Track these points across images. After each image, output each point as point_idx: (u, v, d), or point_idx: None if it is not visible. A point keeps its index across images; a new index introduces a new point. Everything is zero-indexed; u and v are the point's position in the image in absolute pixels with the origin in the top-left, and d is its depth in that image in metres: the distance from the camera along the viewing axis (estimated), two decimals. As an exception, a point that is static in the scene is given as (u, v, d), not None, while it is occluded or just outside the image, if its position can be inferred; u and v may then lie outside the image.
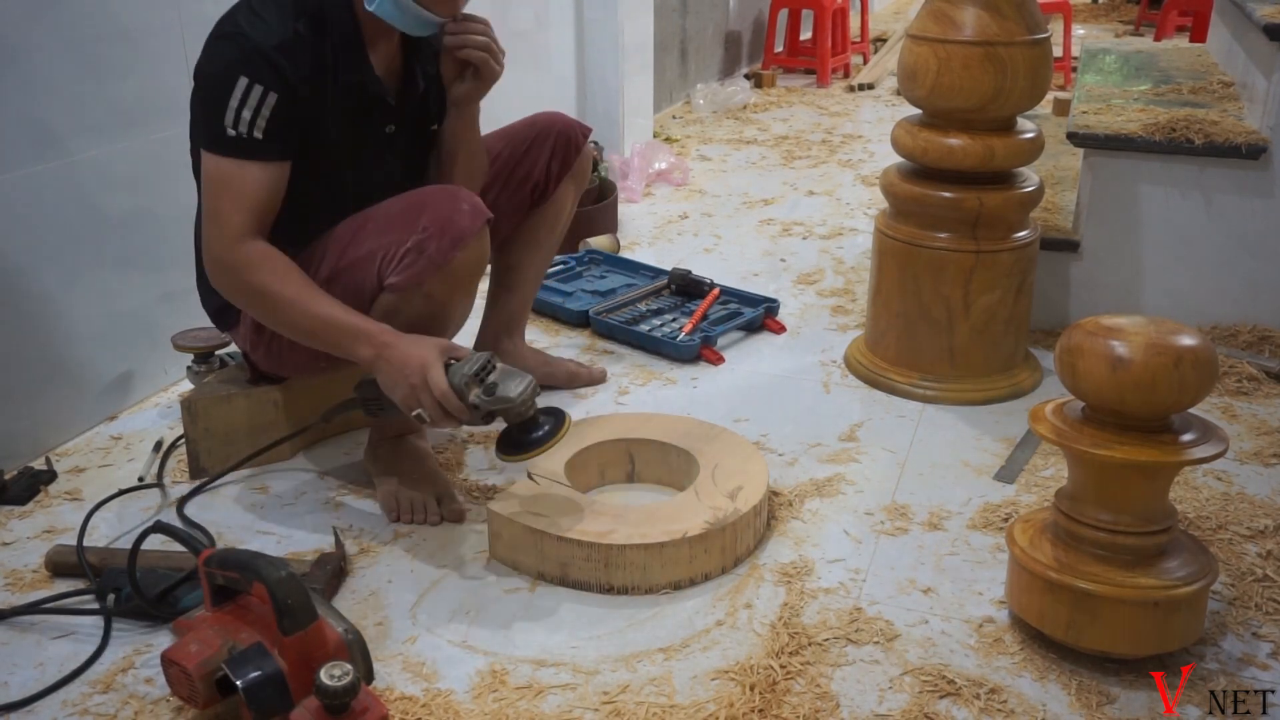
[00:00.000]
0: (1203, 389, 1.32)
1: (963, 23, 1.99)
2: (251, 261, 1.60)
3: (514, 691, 1.39)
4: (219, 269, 1.63)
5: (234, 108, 1.57)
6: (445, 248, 1.63)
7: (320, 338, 1.61)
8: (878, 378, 2.22)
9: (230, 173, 1.60)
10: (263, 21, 1.59)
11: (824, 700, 1.37)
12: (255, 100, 1.57)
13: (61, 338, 1.95)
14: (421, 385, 1.53)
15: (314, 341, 1.62)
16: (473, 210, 1.67)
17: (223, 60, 1.59)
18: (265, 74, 1.57)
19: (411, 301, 1.66)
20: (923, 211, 2.11)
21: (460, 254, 1.65)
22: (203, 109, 1.61)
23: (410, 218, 1.65)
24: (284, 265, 1.61)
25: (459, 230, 1.64)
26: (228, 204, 1.60)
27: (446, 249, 1.63)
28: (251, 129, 1.58)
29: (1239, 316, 2.38)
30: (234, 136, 1.58)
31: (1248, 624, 1.51)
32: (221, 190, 1.60)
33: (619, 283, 2.71)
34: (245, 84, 1.57)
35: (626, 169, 3.55)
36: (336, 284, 1.66)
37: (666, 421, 1.91)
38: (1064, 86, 4.71)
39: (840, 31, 5.49)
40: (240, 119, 1.57)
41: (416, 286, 1.64)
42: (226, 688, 1.26)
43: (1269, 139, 2.25)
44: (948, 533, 1.73)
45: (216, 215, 1.61)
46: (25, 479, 1.85)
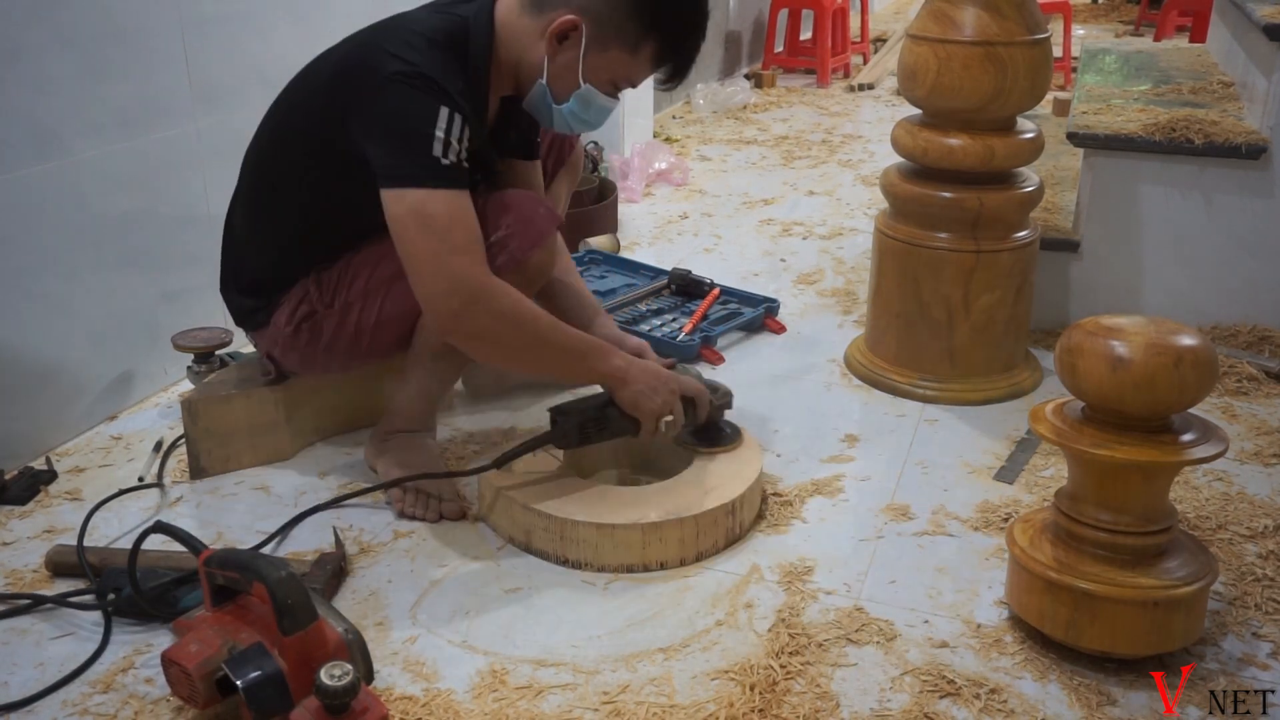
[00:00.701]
0: (1203, 389, 1.32)
1: (963, 23, 1.99)
2: (510, 293, 1.58)
3: (514, 691, 1.39)
4: (474, 306, 1.55)
5: (440, 139, 1.53)
6: (525, 246, 1.68)
7: (579, 355, 1.65)
8: (878, 378, 2.22)
9: (452, 205, 1.55)
10: (439, 64, 1.57)
11: (824, 700, 1.37)
12: (458, 129, 1.55)
13: (61, 338, 1.95)
14: (676, 390, 1.68)
15: (558, 361, 1.66)
16: (549, 214, 1.74)
17: (419, 95, 1.54)
18: (457, 103, 1.56)
19: None
20: (923, 211, 2.11)
21: (537, 253, 1.70)
22: (400, 148, 1.55)
23: (494, 216, 1.67)
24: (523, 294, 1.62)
25: (539, 230, 1.70)
26: (463, 234, 1.55)
27: (527, 247, 1.68)
28: (460, 157, 1.56)
29: (1239, 316, 2.38)
30: (449, 165, 1.55)
31: (1248, 624, 1.51)
32: (451, 225, 1.54)
33: (619, 283, 2.71)
34: (447, 114, 1.54)
35: (626, 169, 3.55)
36: (402, 280, 1.67)
37: None
38: (1064, 86, 4.71)
39: (840, 31, 5.49)
40: (449, 148, 1.54)
41: None
42: (226, 688, 1.26)
43: (1269, 139, 2.25)
44: (948, 533, 1.73)
45: (459, 250, 1.54)
46: (25, 479, 1.85)
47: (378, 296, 1.74)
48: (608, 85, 1.69)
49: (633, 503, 1.67)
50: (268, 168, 1.77)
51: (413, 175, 1.54)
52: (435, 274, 1.55)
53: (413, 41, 1.59)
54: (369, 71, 1.58)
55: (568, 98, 1.68)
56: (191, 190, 2.17)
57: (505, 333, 1.60)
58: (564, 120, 1.72)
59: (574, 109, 1.69)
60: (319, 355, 1.80)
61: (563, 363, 1.67)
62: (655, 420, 1.67)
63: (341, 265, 1.76)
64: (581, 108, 1.69)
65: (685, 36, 1.68)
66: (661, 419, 1.67)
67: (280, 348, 1.82)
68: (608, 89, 1.69)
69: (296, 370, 1.87)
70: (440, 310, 1.56)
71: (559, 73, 1.66)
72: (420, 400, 1.83)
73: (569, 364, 1.67)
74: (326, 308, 1.76)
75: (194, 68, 2.14)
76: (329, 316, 1.76)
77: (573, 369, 1.70)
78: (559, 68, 1.66)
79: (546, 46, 1.64)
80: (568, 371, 1.74)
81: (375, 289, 1.74)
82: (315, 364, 1.83)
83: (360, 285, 1.75)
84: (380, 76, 1.56)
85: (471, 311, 1.56)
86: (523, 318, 1.59)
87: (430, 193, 1.54)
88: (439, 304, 1.56)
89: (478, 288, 1.55)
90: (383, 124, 1.56)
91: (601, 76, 1.67)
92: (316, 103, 1.67)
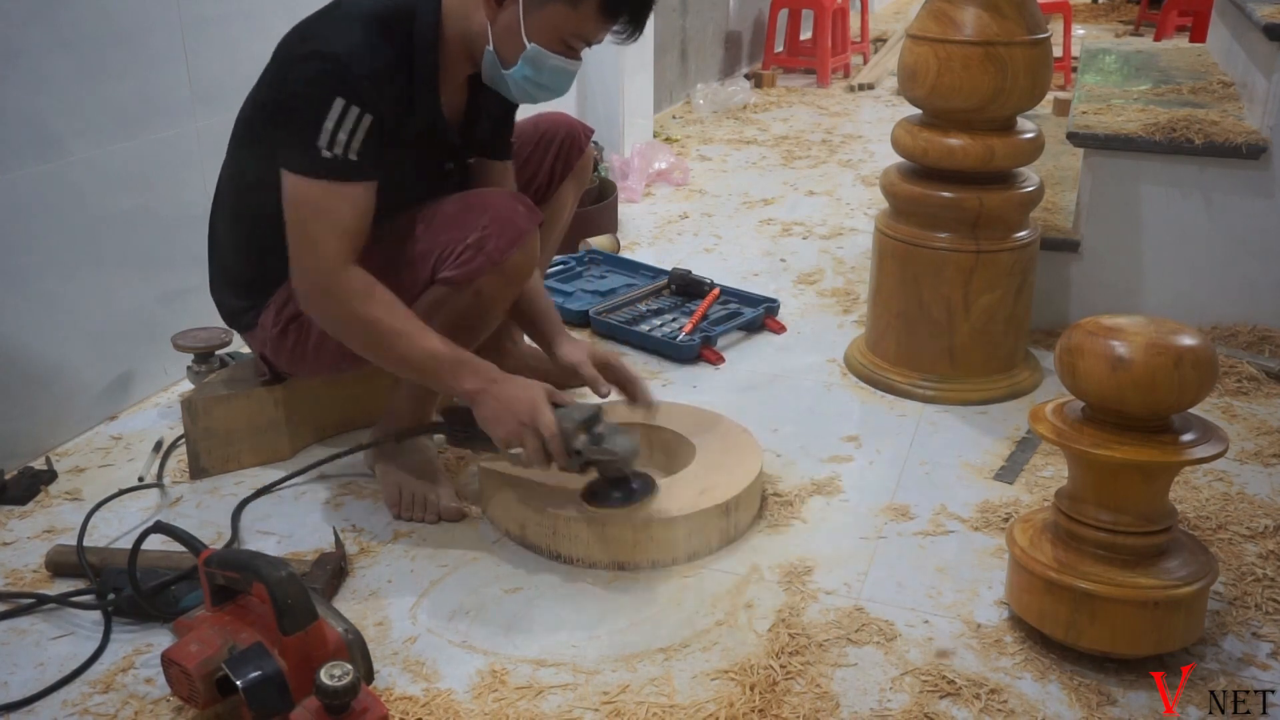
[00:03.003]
0: (1203, 389, 1.32)
1: (963, 23, 1.99)
2: (357, 291, 1.58)
3: (514, 691, 1.39)
4: (320, 296, 1.59)
5: (329, 129, 1.53)
6: (503, 246, 1.66)
7: (423, 369, 1.61)
8: (878, 378, 2.22)
9: (326, 196, 1.56)
10: (355, 44, 1.56)
11: (824, 700, 1.37)
12: (351, 122, 1.54)
13: (61, 338, 1.95)
14: (530, 425, 1.56)
15: (412, 371, 1.63)
16: (529, 212, 1.71)
17: (317, 80, 1.54)
18: (362, 95, 1.54)
19: (461, 297, 1.68)
20: (923, 211, 2.11)
21: (516, 253, 1.68)
22: (291, 130, 1.56)
23: (471, 216, 1.66)
24: (388, 295, 1.59)
25: (517, 230, 1.68)
26: (324, 229, 1.56)
27: (504, 247, 1.66)
28: (347, 150, 1.55)
29: (1239, 316, 2.38)
30: (330, 158, 1.54)
31: (1248, 624, 1.51)
32: (317, 215, 1.56)
33: (619, 283, 2.71)
34: (342, 105, 1.53)
35: (626, 169, 3.55)
36: (385, 279, 1.67)
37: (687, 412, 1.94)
38: (1064, 86, 4.71)
39: (840, 31, 5.49)
40: (336, 140, 1.54)
41: (469, 282, 1.67)
42: (227, 688, 1.26)
43: (1269, 139, 2.25)
44: (948, 533, 1.73)
45: (313, 241, 1.57)
46: (25, 479, 1.85)
47: None
48: (557, 44, 1.63)
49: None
50: (240, 165, 1.76)
51: (294, 161, 1.57)
52: (296, 259, 1.60)
53: (342, 23, 1.58)
54: (292, 48, 1.60)
55: (515, 60, 1.64)
56: (191, 190, 2.17)
57: (348, 331, 1.62)
58: (520, 88, 1.67)
59: (526, 73, 1.64)
60: (308, 356, 1.79)
61: (409, 372, 1.65)
62: (504, 446, 1.61)
63: None
64: (534, 70, 1.64)
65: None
66: (508, 448, 1.60)
67: (270, 349, 1.81)
68: (559, 48, 1.63)
69: (289, 371, 1.87)
70: (297, 290, 1.63)
71: (502, 35, 1.63)
72: (415, 401, 1.83)
73: (417, 375, 1.64)
74: None
75: (194, 68, 2.14)
76: None
77: (424, 380, 1.66)
78: (501, 30, 1.62)
79: (485, 10, 1.62)
80: (422, 381, 1.68)
81: None
82: (304, 365, 1.82)
83: None
84: (294, 56, 1.58)
85: (317, 300, 1.61)
86: (365, 319, 1.58)
87: (304, 181, 1.56)
88: (296, 284, 1.63)
89: (325, 280, 1.58)
90: (281, 105, 1.58)
91: (548, 35, 1.62)
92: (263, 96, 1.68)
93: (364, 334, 1.60)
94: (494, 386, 1.59)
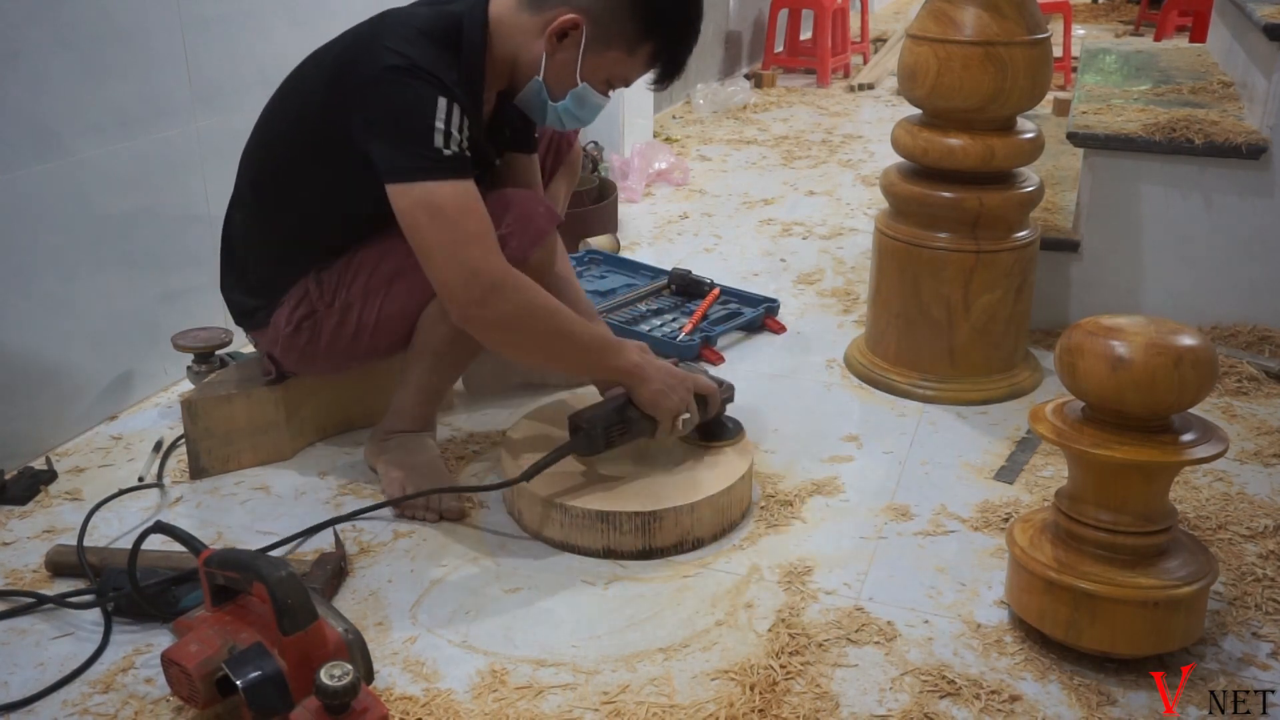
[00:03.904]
0: (1203, 389, 1.32)
1: (963, 23, 1.99)
2: (523, 279, 1.57)
3: (514, 691, 1.39)
4: (495, 296, 1.55)
5: (440, 130, 1.53)
6: (526, 244, 1.68)
7: (590, 349, 1.64)
8: (878, 378, 2.22)
9: (463, 194, 1.55)
10: (433, 58, 1.56)
11: (824, 700, 1.37)
12: (457, 119, 1.55)
13: (61, 338, 1.95)
14: (691, 386, 1.69)
15: (575, 354, 1.65)
16: (548, 212, 1.74)
17: (414, 87, 1.53)
18: (455, 94, 1.55)
19: None
20: (923, 211, 2.11)
21: (537, 252, 1.70)
22: (402, 142, 1.54)
23: (494, 215, 1.66)
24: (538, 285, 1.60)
25: (539, 229, 1.70)
26: (476, 224, 1.55)
27: (527, 246, 1.68)
28: (462, 147, 1.56)
29: (1239, 316, 2.38)
30: (451, 155, 1.54)
31: (1248, 624, 1.51)
32: (466, 213, 1.54)
33: (619, 283, 2.71)
34: (445, 104, 1.53)
35: (626, 169, 3.55)
36: (403, 278, 1.68)
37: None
38: (1064, 86, 4.71)
39: (840, 31, 5.49)
40: (450, 139, 1.54)
41: None
42: (227, 688, 1.26)
43: (1269, 139, 2.25)
44: (948, 533, 1.73)
45: (471, 240, 1.54)
46: (25, 479, 1.85)
47: (378, 296, 1.74)
48: (602, 84, 1.69)
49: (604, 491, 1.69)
50: (266, 167, 1.77)
51: (417, 168, 1.54)
52: (451, 264, 1.54)
53: (407, 35, 1.58)
54: (365, 67, 1.58)
55: (564, 96, 1.68)
56: (191, 190, 2.17)
57: (524, 323, 1.59)
58: (557, 117, 1.72)
59: (569, 106, 1.69)
60: (319, 355, 1.80)
61: (579, 356, 1.67)
62: (673, 418, 1.67)
63: (341, 264, 1.76)
64: (577, 105, 1.69)
65: (682, 38, 1.69)
66: (679, 417, 1.68)
67: (280, 347, 1.82)
68: (602, 87, 1.70)
69: (296, 370, 1.87)
70: (459, 300, 1.56)
71: (556, 71, 1.66)
72: (421, 400, 1.83)
73: (585, 358, 1.67)
74: (327, 307, 1.76)
75: (194, 68, 2.14)
76: (329, 316, 1.76)
77: (589, 363, 1.69)
78: (557, 65, 1.66)
79: (545, 44, 1.64)
80: (583, 366, 1.72)
81: (375, 288, 1.74)
82: (315, 363, 1.83)
83: (360, 284, 1.75)
84: (376, 71, 1.56)
85: (490, 300, 1.55)
86: (541, 309, 1.59)
87: (437, 184, 1.54)
88: (457, 293, 1.55)
89: (496, 276, 1.55)
90: (382, 119, 1.56)
91: (598, 75, 1.68)
92: (315, 100, 1.67)
93: (543, 324, 1.60)
94: (648, 359, 1.67)
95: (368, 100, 1.57)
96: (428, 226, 1.54)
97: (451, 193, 1.54)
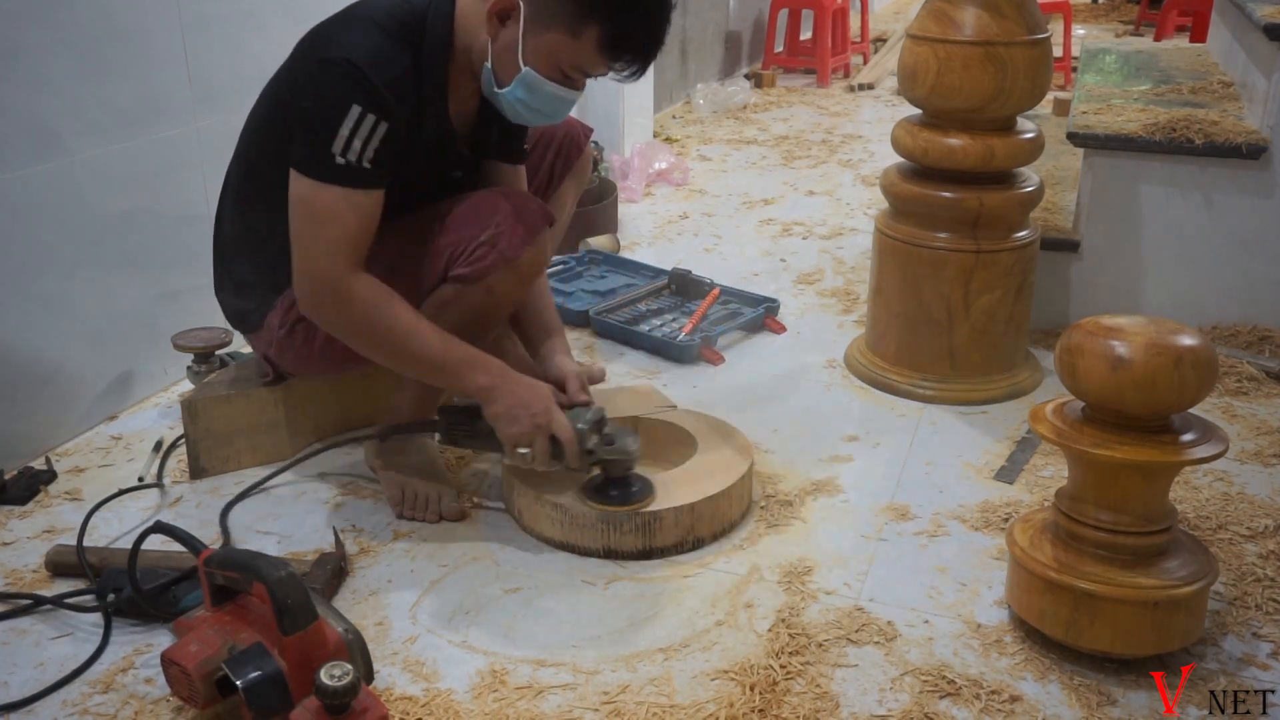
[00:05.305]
0: (1203, 389, 1.32)
1: (963, 23, 1.99)
2: (364, 296, 1.58)
3: (514, 691, 1.39)
4: (326, 301, 1.59)
5: (345, 136, 1.53)
6: (516, 244, 1.67)
7: (434, 367, 1.63)
8: (878, 378, 2.22)
9: (336, 202, 1.56)
10: (374, 50, 1.56)
11: (824, 700, 1.37)
12: (367, 130, 1.54)
13: (61, 338, 1.95)
14: (544, 425, 1.60)
15: (424, 369, 1.64)
16: (540, 211, 1.73)
17: (335, 85, 1.54)
18: (379, 104, 1.54)
19: (472, 294, 1.69)
20: (923, 211, 2.11)
21: (529, 251, 1.69)
22: (305, 133, 1.56)
23: (484, 214, 1.67)
24: (393, 298, 1.60)
25: (530, 228, 1.69)
26: (333, 233, 1.56)
27: (518, 245, 1.67)
28: (361, 158, 1.55)
29: (1239, 316, 2.38)
30: (343, 165, 1.54)
31: (1248, 624, 1.51)
32: (326, 219, 1.56)
33: (619, 283, 2.71)
34: (359, 112, 1.53)
35: (626, 169, 3.55)
36: (393, 279, 1.68)
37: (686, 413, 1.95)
38: (1064, 86, 4.71)
39: (840, 31, 5.49)
40: (350, 147, 1.54)
41: (481, 279, 1.67)
42: (226, 688, 1.26)
43: (1269, 139, 2.25)
44: (948, 533, 1.73)
45: (319, 246, 1.56)
46: (25, 479, 1.85)
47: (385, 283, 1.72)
48: (554, 71, 1.61)
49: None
50: (250, 168, 1.77)
51: (308, 165, 1.56)
52: (301, 262, 1.60)
53: (358, 27, 1.58)
54: (310, 56, 1.60)
55: (509, 81, 1.63)
56: (191, 190, 2.17)
57: (356, 333, 1.62)
58: (513, 108, 1.66)
59: (520, 95, 1.63)
60: (314, 356, 1.80)
61: (422, 371, 1.66)
62: (512, 446, 1.63)
63: None
64: (527, 94, 1.62)
65: (633, 24, 1.57)
66: (516, 447, 1.62)
67: (275, 349, 1.82)
68: (555, 75, 1.62)
69: (293, 371, 1.87)
70: (302, 294, 1.62)
71: (500, 55, 1.62)
72: (418, 400, 1.83)
73: (430, 374, 1.66)
74: None
75: (194, 68, 2.14)
76: None
77: (436, 379, 1.68)
78: (500, 49, 1.62)
79: (489, 27, 1.61)
80: (432, 380, 1.70)
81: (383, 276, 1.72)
82: (311, 365, 1.83)
83: None
84: (313, 60, 1.58)
85: (325, 305, 1.60)
86: (376, 323, 1.59)
87: (317, 185, 1.56)
88: (300, 288, 1.61)
89: (333, 287, 1.58)
90: (298, 107, 1.58)
91: (544, 61, 1.60)
92: (281, 97, 1.67)
93: (371, 336, 1.61)
94: (506, 384, 1.62)
95: (299, 87, 1.59)
96: (297, 220, 1.59)
97: (324, 197, 1.56)
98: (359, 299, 1.58)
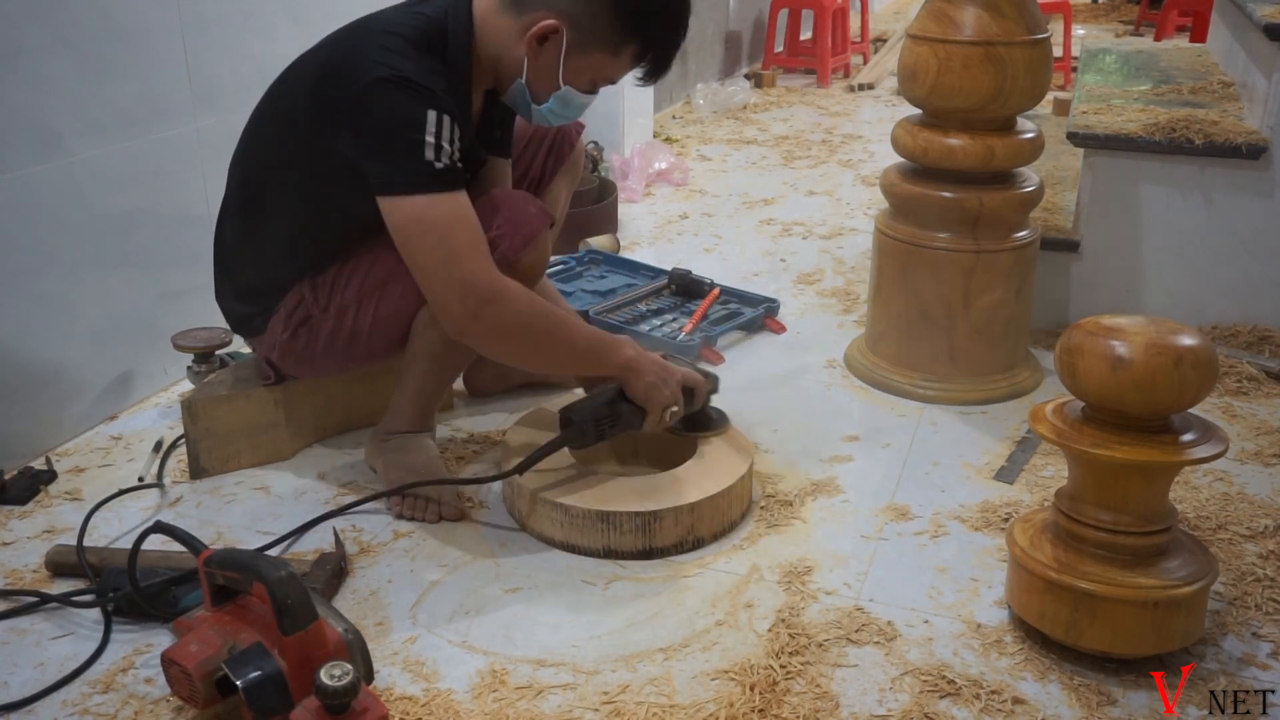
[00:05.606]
0: (1203, 389, 1.32)
1: (963, 23, 1.99)
2: (518, 290, 1.58)
3: (514, 691, 1.39)
4: (489, 307, 1.56)
5: (431, 143, 1.52)
6: (517, 245, 1.68)
7: (589, 350, 1.66)
8: (878, 378, 2.22)
9: (454, 207, 1.55)
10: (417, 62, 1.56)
11: (824, 700, 1.37)
12: (448, 131, 1.54)
13: (61, 338, 1.95)
14: (679, 379, 1.71)
15: (578, 355, 1.67)
16: (540, 212, 1.73)
17: (403, 102, 1.52)
18: (445, 106, 1.54)
19: None
20: (923, 211, 2.11)
21: (529, 253, 1.70)
22: (393, 154, 1.53)
23: (484, 217, 1.66)
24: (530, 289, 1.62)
25: (530, 230, 1.70)
26: (468, 237, 1.55)
27: (518, 246, 1.68)
28: (453, 159, 1.55)
29: (1239, 316, 2.38)
30: (443, 169, 1.54)
31: (1248, 624, 1.51)
32: (454, 227, 1.54)
33: (619, 283, 2.71)
34: (435, 116, 1.52)
35: (626, 169, 3.55)
36: (397, 281, 1.68)
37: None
38: (1064, 86, 4.71)
39: (840, 31, 5.49)
40: (441, 151, 1.53)
41: None
42: (226, 688, 1.26)
43: (1269, 139, 2.25)
44: (948, 533, 1.73)
45: (462, 253, 1.54)
46: (25, 479, 1.85)
47: (373, 299, 1.74)
48: (587, 84, 1.68)
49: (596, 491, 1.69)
50: (255, 173, 1.76)
51: (408, 183, 1.54)
52: (444, 280, 1.55)
53: (391, 44, 1.57)
54: (351, 79, 1.56)
55: (547, 98, 1.67)
56: (191, 190, 2.17)
57: (520, 331, 1.60)
58: (542, 116, 1.72)
59: (553, 107, 1.69)
60: (316, 359, 1.80)
61: (576, 357, 1.68)
62: (662, 411, 1.69)
63: (335, 269, 1.75)
64: (560, 105, 1.69)
65: (668, 37, 1.67)
66: (668, 409, 1.69)
67: (278, 352, 1.82)
68: (586, 88, 1.68)
69: (295, 374, 1.87)
70: (453, 314, 1.57)
71: (539, 74, 1.65)
72: (419, 400, 1.83)
73: (582, 358, 1.68)
74: (322, 312, 1.76)
75: (194, 68, 2.14)
76: (325, 320, 1.76)
77: (585, 363, 1.71)
78: (539, 69, 1.65)
79: (526, 48, 1.62)
80: (580, 366, 1.74)
81: (370, 291, 1.74)
82: (313, 367, 1.83)
83: (355, 288, 1.74)
84: (364, 84, 1.54)
85: (486, 313, 1.56)
86: (536, 315, 1.60)
87: (428, 198, 1.54)
88: (452, 308, 1.56)
89: (490, 289, 1.56)
90: (373, 133, 1.55)
91: (582, 77, 1.66)
92: (301, 107, 1.65)
93: (532, 332, 1.61)
94: (640, 353, 1.69)
95: (357, 114, 1.55)
96: (419, 242, 1.55)
97: (443, 206, 1.54)
98: (515, 293, 1.58)
